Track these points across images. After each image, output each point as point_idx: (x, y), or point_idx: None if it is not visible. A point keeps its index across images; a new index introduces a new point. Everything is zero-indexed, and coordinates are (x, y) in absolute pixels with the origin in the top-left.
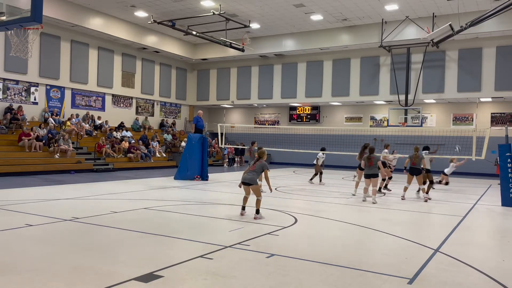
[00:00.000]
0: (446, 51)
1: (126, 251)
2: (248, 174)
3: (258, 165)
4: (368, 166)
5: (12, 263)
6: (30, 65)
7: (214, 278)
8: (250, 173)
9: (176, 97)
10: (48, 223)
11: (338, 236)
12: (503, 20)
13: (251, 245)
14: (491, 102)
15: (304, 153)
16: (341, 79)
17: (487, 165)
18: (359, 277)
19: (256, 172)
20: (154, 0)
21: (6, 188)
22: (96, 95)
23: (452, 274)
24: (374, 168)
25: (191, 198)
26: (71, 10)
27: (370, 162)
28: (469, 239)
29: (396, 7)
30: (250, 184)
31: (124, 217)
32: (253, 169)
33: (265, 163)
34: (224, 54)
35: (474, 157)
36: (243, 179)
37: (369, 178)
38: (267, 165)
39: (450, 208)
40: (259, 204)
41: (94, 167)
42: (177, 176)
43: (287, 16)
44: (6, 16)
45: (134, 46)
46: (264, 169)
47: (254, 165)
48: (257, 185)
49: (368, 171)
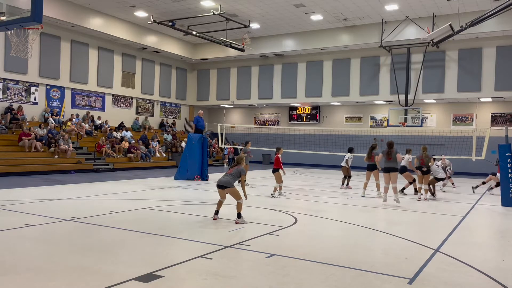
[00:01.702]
0: (446, 51)
1: (126, 251)
2: (224, 177)
3: (236, 170)
4: (387, 161)
5: (12, 263)
6: (30, 65)
7: (214, 278)
8: (226, 176)
9: (176, 97)
10: (48, 223)
11: (338, 236)
12: (503, 20)
13: (251, 245)
14: (491, 102)
15: (304, 153)
16: (341, 79)
17: (487, 165)
18: (359, 277)
19: (232, 176)
20: (154, 0)
21: (6, 188)
22: (96, 95)
23: (452, 274)
24: (394, 162)
25: (191, 198)
26: (71, 10)
27: (389, 157)
28: (469, 239)
29: (396, 7)
30: (226, 187)
31: (124, 217)
32: (230, 173)
33: (243, 169)
34: (224, 54)
35: (474, 157)
36: (218, 182)
37: (388, 172)
38: (245, 171)
39: (450, 208)
40: (240, 208)
41: (94, 167)
42: (177, 176)
43: (287, 16)
44: (6, 16)
45: (134, 46)
46: (242, 174)
47: (231, 169)
48: (233, 187)
49: (387, 165)
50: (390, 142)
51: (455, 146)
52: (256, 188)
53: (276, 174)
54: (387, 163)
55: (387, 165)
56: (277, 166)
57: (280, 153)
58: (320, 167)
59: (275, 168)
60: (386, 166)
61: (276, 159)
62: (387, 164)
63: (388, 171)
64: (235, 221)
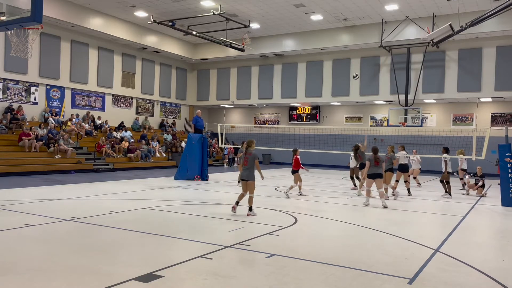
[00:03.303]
0: (446, 51)
1: (126, 251)
2: (244, 171)
3: (250, 158)
4: (375, 166)
5: (12, 263)
6: (30, 65)
7: (214, 278)
8: (245, 169)
9: (176, 97)
10: (48, 223)
11: (338, 236)
12: (503, 20)
13: (251, 245)
14: (491, 102)
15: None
16: (341, 79)
17: (487, 165)
18: (359, 277)
19: (250, 166)
20: (154, 0)
21: (6, 188)
22: (96, 95)
23: (452, 274)
24: (380, 168)
25: (191, 198)
26: (71, 10)
27: (377, 162)
28: (469, 239)
29: (396, 7)
30: (248, 180)
31: (124, 217)
32: (246, 164)
33: (255, 154)
34: (224, 54)
35: (474, 157)
36: (242, 177)
37: (374, 178)
38: (257, 155)
39: (450, 208)
40: (251, 201)
41: (94, 167)
42: (177, 176)
43: (287, 16)
44: (6, 16)
45: (134, 46)
46: (255, 159)
47: (246, 160)
48: (253, 181)
49: (373, 171)
50: (375, 148)
51: (455, 146)
52: (256, 188)
53: (295, 175)
54: (375, 169)
55: (375, 171)
56: (296, 168)
57: (298, 154)
58: (320, 167)
59: (295, 169)
60: (373, 172)
61: (296, 160)
62: (375, 170)
63: (374, 177)
64: (247, 213)
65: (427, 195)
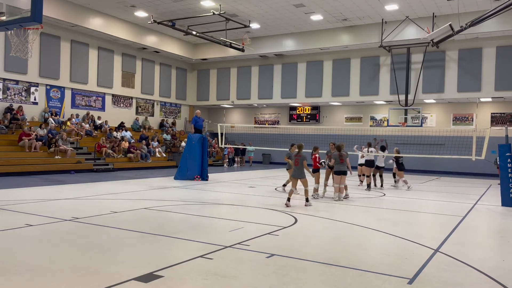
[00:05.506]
0: (446, 51)
1: (126, 251)
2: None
3: (300, 160)
4: (340, 163)
5: (12, 263)
6: (30, 65)
7: (214, 278)
8: (297, 169)
9: (176, 97)
10: (48, 223)
11: (338, 236)
12: (503, 20)
13: (251, 245)
14: (491, 102)
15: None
16: (341, 79)
17: (487, 165)
18: (359, 277)
19: (301, 166)
20: (154, 0)
21: (6, 188)
22: (96, 95)
23: (452, 274)
24: (345, 165)
25: (191, 198)
26: (71, 10)
27: (342, 159)
28: (469, 239)
29: (396, 7)
30: (301, 177)
31: (124, 217)
32: (297, 165)
33: (304, 156)
34: (224, 54)
35: (474, 157)
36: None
37: (339, 175)
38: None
39: (450, 208)
40: (307, 194)
41: (94, 167)
42: (177, 176)
43: (287, 16)
44: (6, 16)
45: (134, 46)
46: (304, 160)
47: (297, 161)
48: (305, 178)
49: (340, 168)
50: (339, 145)
51: (455, 146)
52: (256, 188)
53: (316, 174)
54: (340, 166)
55: (340, 168)
56: (317, 166)
57: (317, 153)
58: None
59: (315, 168)
60: (339, 169)
61: (314, 159)
62: (340, 167)
63: (339, 174)
64: (305, 204)
65: (427, 195)
